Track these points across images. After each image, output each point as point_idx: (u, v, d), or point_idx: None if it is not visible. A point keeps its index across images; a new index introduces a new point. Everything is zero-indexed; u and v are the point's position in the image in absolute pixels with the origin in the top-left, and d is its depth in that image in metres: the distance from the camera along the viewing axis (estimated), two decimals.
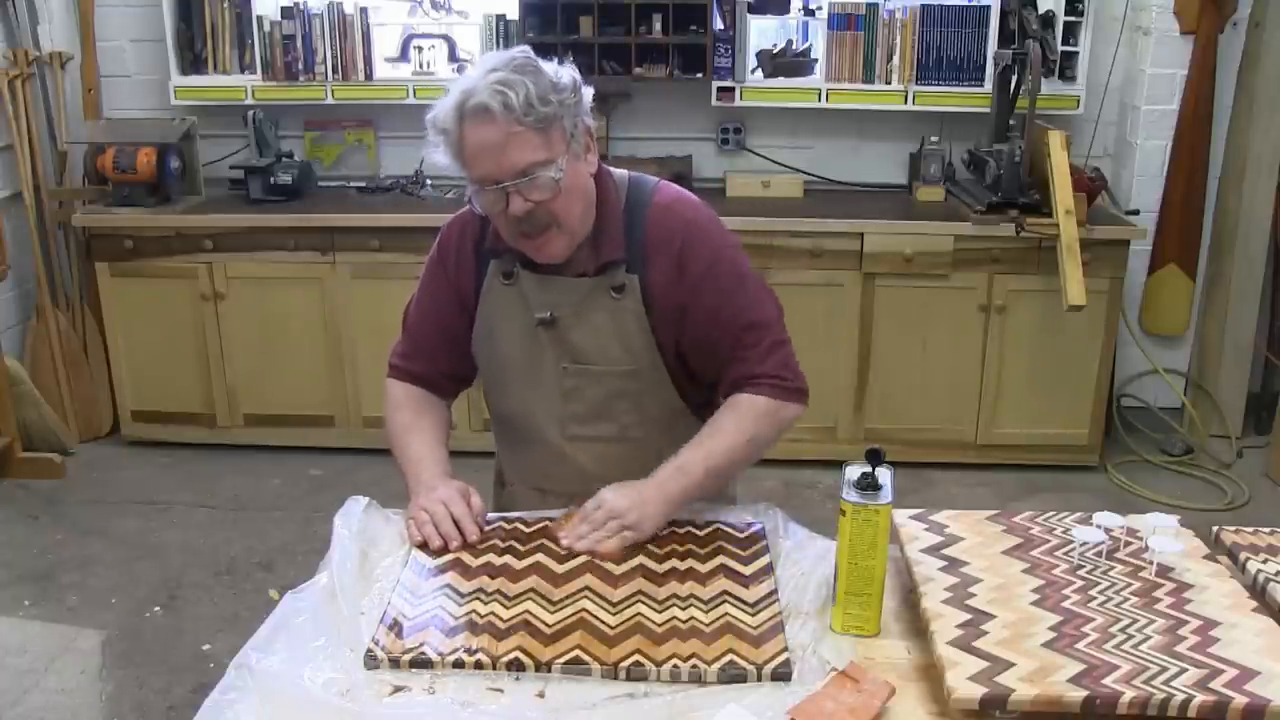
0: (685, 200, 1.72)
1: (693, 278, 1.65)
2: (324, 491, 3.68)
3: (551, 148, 1.54)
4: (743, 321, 1.67)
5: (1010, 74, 3.75)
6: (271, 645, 1.32)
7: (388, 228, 3.72)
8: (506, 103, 1.49)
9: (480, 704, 1.24)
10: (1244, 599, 1.36)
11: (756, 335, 1.68)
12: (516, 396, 1.77)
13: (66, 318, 4.08)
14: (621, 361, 1.69)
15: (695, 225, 1.67)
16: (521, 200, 1.55)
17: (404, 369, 1.82)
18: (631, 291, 1.65)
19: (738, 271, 1.69)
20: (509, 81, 1.50)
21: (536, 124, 1.51)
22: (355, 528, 1.56)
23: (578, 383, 1.71)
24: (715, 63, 3.89)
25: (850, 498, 1.34)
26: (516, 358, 1.73)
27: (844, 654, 1.31)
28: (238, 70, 4.09)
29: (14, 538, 3.40)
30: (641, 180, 1.73)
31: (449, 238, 1.76)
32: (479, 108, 1.50)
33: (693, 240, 1.66)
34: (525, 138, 1.51)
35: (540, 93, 1.51)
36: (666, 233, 1.66)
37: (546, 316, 1.68)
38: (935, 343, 3.74)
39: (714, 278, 1.66)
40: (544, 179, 1.54)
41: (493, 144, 1.52)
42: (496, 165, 1.53)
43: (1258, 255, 3.94)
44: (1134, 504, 3.57)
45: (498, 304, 1.72)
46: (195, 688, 2.61)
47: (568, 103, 1.55)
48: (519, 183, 1.53)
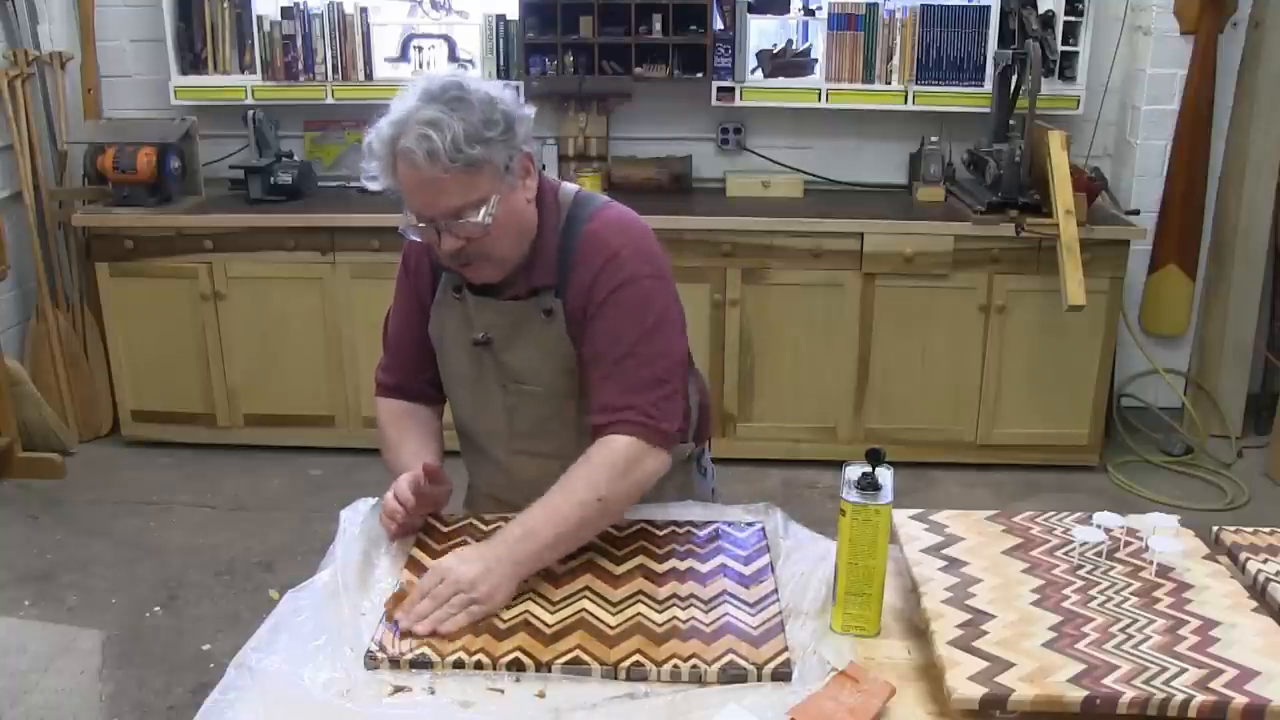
0: (621, 224, 1.66)
1: (598, 299, 1.60)
2: (324, 491, 3.68)
3: (480, 188, 1.51)
4: (626, 350, 1.59)
5: (1010, 74, 3.75)
6: (271, 645, 1.32)
7: (388, 228, 3.68)
8: (431, 150, 1.46)
9: (480, 704, 1.24)
10: (1244, 599, 1.36)
11: (636, 367, 1.58)
12: (466, 409, 1.78)
13: (66, 318, 4.07)
14: (554, 383, 1.68)
15: (619, 251, 1.61)
16: (451, 238, 1.54)
17: (387, 384, 1.83)
18: (558, 315, 1.64)
19: (644, 302, 1.61)
20: (437, 123, 1.46)
21: (466, 167, 1.48)
22: (361, 526, 1.56)
23: (518, 401, 1.71)
24: (715, 63, 3.89)
25: (850, 498, 1.34)
26: (464, 372, 1.74)
27: (844, 654, 1.31)
28: (238, 70, 4.08)
29: (14, 538, 3.40)
30: (586, 200, 1.69)
31: (410, 249, 1.76)
32: (405, 151, 1.49)
33: (609, 263, 1.60)
34: (454, 181, 1.49)
35: (470, 133, 1.47)
36: (590, 255, 1.62)
37: (481, 337, 1.68)
38: (935, 343, 3.75)
39: (615, 301, 1.60)
40: (472, 223, 1.52)
41: (421, 186, 1.51)
42: (425, 205, 1.53)
43: (1258, 255, 3.94)
44: (1134, 504, 3.57)
45: (447, 318, 1.72)
46: (195, 688, 2.61)
47: (499, 139, 1.51)
48: (448, 223, 1.53)
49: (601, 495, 1.52)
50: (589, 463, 1.55)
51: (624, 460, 1.54)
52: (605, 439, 1.56)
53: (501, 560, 1.44)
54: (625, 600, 1.43)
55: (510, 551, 1.45)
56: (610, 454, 1.55)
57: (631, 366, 1.58)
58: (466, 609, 1.38)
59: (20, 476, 3.74)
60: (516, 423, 1.73)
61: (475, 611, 1.39)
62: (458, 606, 1.38)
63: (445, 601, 1.38)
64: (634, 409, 1.56)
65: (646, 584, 1.47)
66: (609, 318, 1.60)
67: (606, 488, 1.52)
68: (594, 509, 1.52)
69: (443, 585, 1.40)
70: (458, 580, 1.40)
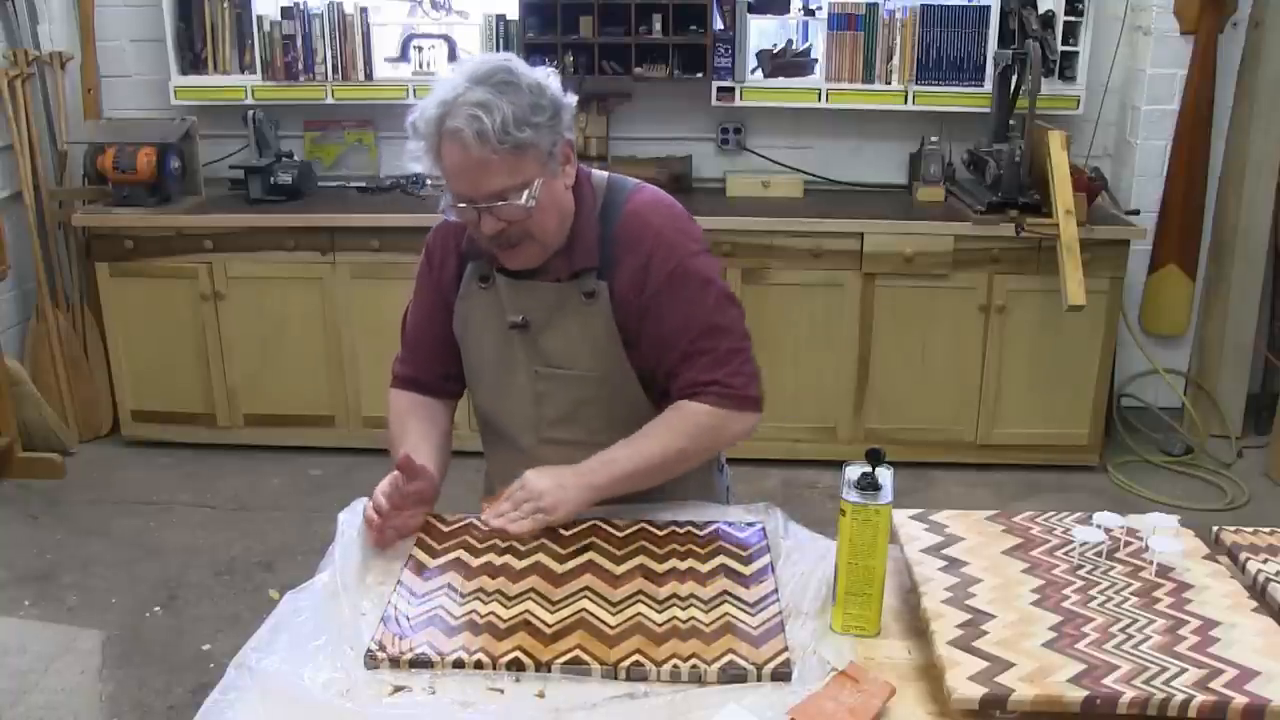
0: (658, 204, 1.71)
1: (656, 282, 1.64)
2: (324, 491, 3.68)
3: (525, 171, 1.54)
4: (700, 327, 1.65)
5: (1010, 74, 3.75)
6: (271, 645, 1.32)
7: (388, 228, 3.72)
8: (480, 131, 1.48)
9: (480, 704, 1.24)
10: (1244, 599, 1.36)
11: (713, 341, 1.66)
12: (491, 398, 1.78)
13: (66, 318, 4.07)
14: (591, 367, 1.70)
15: (663, 231, 1.66)
16: (493, 220, 1.56)
17: (403, 376, 1.83)
18: (601, 297, 1.66)
19: (701, 277, 1.67)
20: (487, 104, 1.48)
21: (513, 150, 1.51)
22: (360, 527, 1.56)
23: (549, 387, 1.72)
24: (715, 63, 3.89)
25: (850, 498, 1.34)
26: (491, 360, 1.74)
27: (844, 654, 1.31)
28: (238, 70, 4.09)
29: (14, 538, 3.40)
30: (619, 184, 1.72)
31: (434, 243, 1.78)
32: (454, 131, 1.50)
33: (659, 245, 1.65)
34: (501, 163, 1.51)
35: (518, 116, 1.50)
36: (635, 238, 1.65)
37: (519, 320, 1.69)
38: (935, 343, 3.75)
39: (676, 282, 1.65)
40: (515, 206, 1.54)
41: (467, 167, 1.52)
42: (470, 187, 1.54)
43: (1258, 255, 3.94)
44: (1134, 504, 3.57)
45: (474, 307, 1.73)
46: (195, 688, 2.62)
47: (545, 124, 1.54)
48: (491, 205, 1.54)
49: (684, 447, 1.65)
50: (679, 414, 1.66)
51: (711, 421, 1.66)
52: (689, 402, 1.66)
53: (576, 480, 1.59)
54: (625, 600, 1.43)
55: (587, 474, 1.60)
56: (699, 412, 1.65)
57: (707, 343, 1.66)
58: (532, 515, 1.55)
59: (20, 476, 3.74)
60: (546, 409, 1.73)
61: (540, 519, 1.55)
62: (527, 512, 1.56)
63: (519, 506, 1.56)
64: (716, 383, 1.65)
65: (646, 584, 1.47)
66: (673, 301, 1.65)
67: (690, 441, 1.65)
68: (674, 456, 1.65)
69: (520, 491, 1.58)
70: (530, 490, 1.57)
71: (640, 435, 1.64)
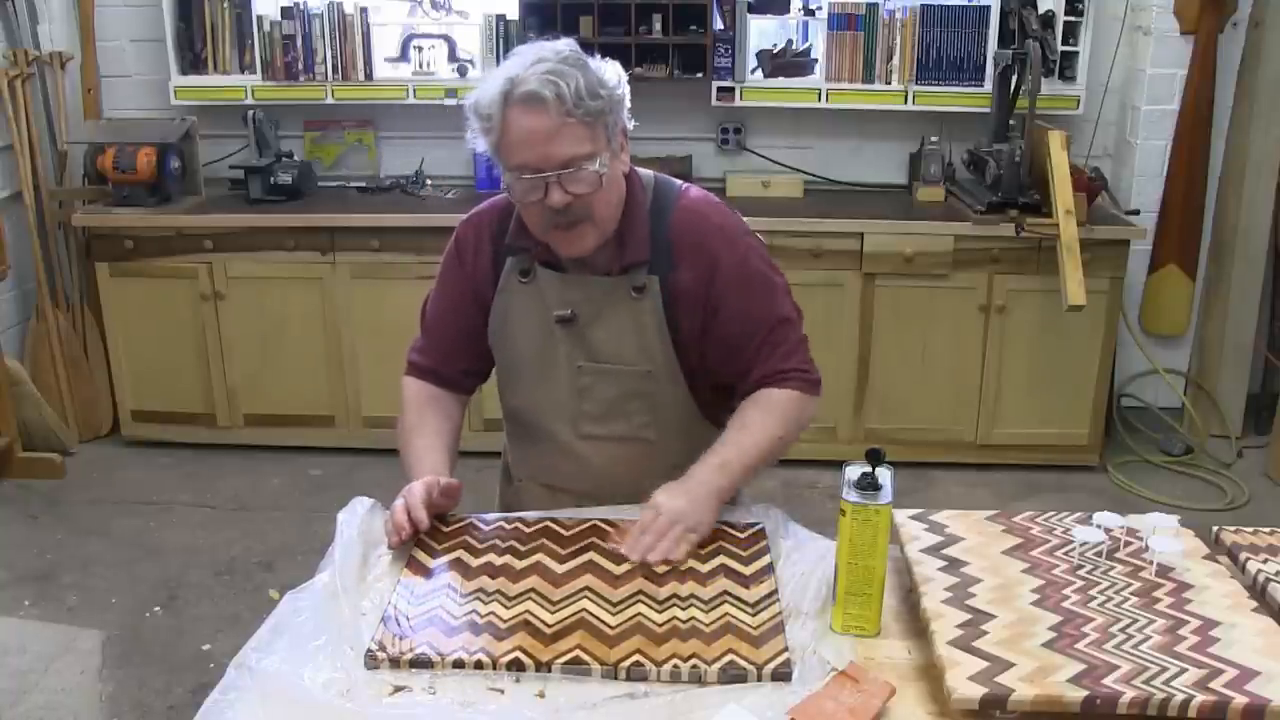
0: (712, 203, 1.74)
1: (724, 280, 1.67)
2: (324, 491, 3.68)
3: (595, 142, 1.56)
4: (773, 319, 1.71)
5: (1010, 74, 3.75)
6: (271, 645, 1.32)
7: (388, 228, 3.72)
8: (559, 93, 1.50)
9: (480, 704, 1.24)
10: (1244, 599, 1.36)
11: (784, 332, 1.72)
12: (529, 393, 1.77)
13: (66, 318, 4.07)
14: (638, 362, 1.70)
15: (724, 229, 1.70)
16: (561, 192, 1.56)
17: (420, 365, 1.82)
18: (652, 292, 1.66)
19: (765, 272, 1.72)
20: (560, 72, 1.51)
21: (585, 117, 1.53)
22: (358, 527, 1.55)
23: (592, 381, 1.72)
24: (715, 63, 3.89)
25: (850, 498, 1.34)
26: (531, 355, 1.74)
27: (844, 654, 1.31)
28: (238, 70, 4.08)
29: (14, 538, 3.40)
30: (667, 182, 1.75)
31: (466, 235, 1.77)
32: (530, 95, 1.51)
33: (724, 244, 1.68)
34: (573, 129, 1.53)
35: (590, 87, 1.53)
36: (696, 236, 1.68)
37: (567, 314, 1.69)
38: (935, 343, 3.75)
39: (745, 279, 1.69)
40: (587, 173, 1.55)
41: (540, 133, 1.52)
42: (541, 155, 1.54)
43: (1258, 255, 3.94)
44: (1134, 504, 3.57)
45: (513, 301, 1.73)
46: (195, 688, 2.61)
47: (612, 100, 1.57)
48: (561, 174, 1.54)
49: (780, 434, 1.69)
50: (763, 405, 1.69)
51: (794, 406, 1.71)
52: (769, 390, 1.70)
53: (705, 492, 1.59)
54: (625, 600, 1.42)
55: (709, 483, 1.60)
56: (781, 400, 1.70)
57: (781, 334, 1.71)
58: (685, 537, 1.54)
59: (20, 476, 3.74)
60: (586, 404, 1.73)
61: (692, 539, 1.55)
62: (678, 536, 1.53)
63: (665, 533, 1.53)
64: (795, 369, 1.71)
65: (646, 584, 1.47)
66: (748, 295, 1.69)
67: (783, 428, 1.69)
68: (776, 444, 1.68)
69: (661, 519, 1.55)
70: (673, 513, 1.55)
71: (737, 430, 1.67)
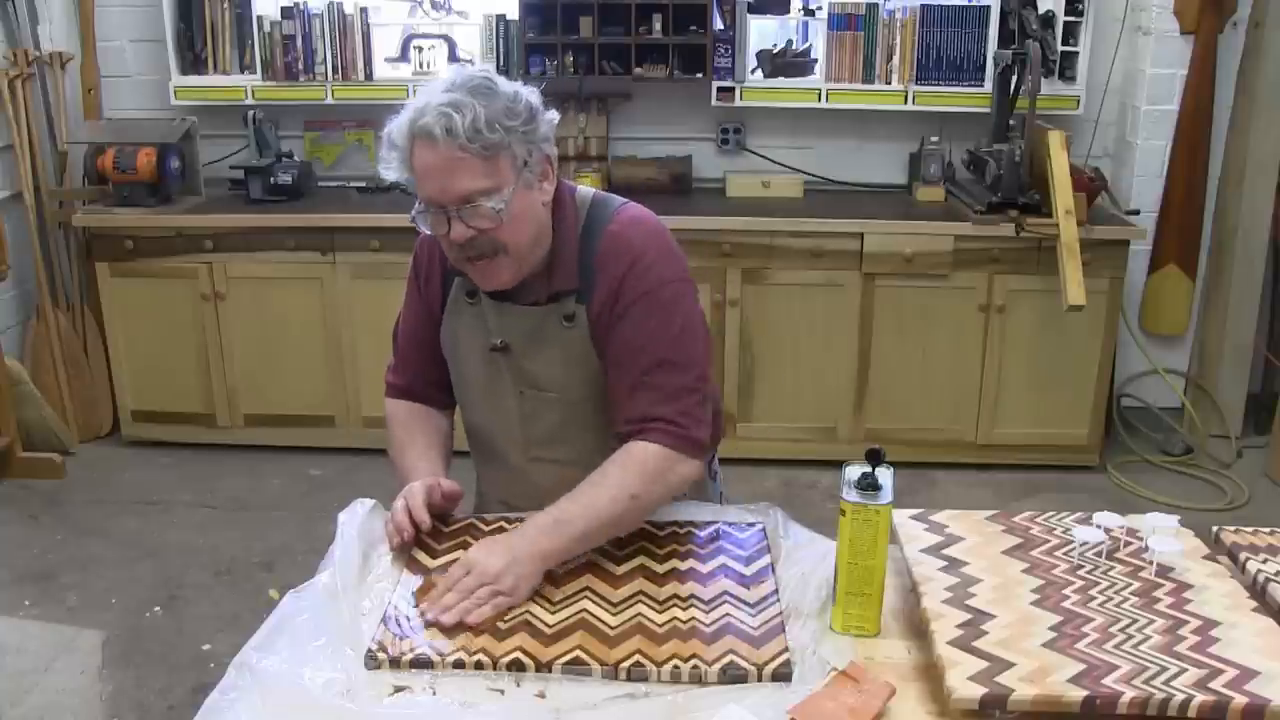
0: (642, 225, 1.65)
1: (625, 302, 1.59)
2: (324, 491, 3.68)
3: (497, 176, 1.50)
4: (657, 357, 1.58)
5: (1010, 74, 3.74)
6: (271, 645, 1.32)
7: (388, 228, 3.72)
8: (449, 127, 1.46)
9: (481, 704, 1.24)
10: (1244, 599, 1.36)
11: (666, 376, 1.58)
12: (480, 415, 1.76)
13: (66, 318, 4.07)
14: (574, 389, 1.67)
15: (644, 252, 1.61)
16: (463, 226, 1.52)
17: (397, 385, 1.82)
18: (580, 321, 1.63)
19: (671, 305, 1.60)
20: (458, 104, 1.46)
21: (481, 151, 1.48)
22: (359, 528, 1.55)
23: (535, 407, 1.70)
24: (715, 63, 3.89)
25: (850, 498, 1.34)
26: (478, 378, 1.72)
27: (844, 654, 1.31)
28: (238, 70, 4.09)
29: (14, 538, 3.40)
30: (604, 202, 1.68)
31: (420, 252, 1.75)
32: (423, 130, 1.48)
33: (635, 265, 1.59)
34: (468, 164, 1.48)
35: (490, 118, 1.47)
36: (613, 258, 1.60)
37: (498, 343, 1.66)
38: (935, 343, 3.74)
39: (644, 306, 1.59)
40: (485, 208, 1.51)
41: (437, 168, 1.49)
42: (439, 189, 1.51)
43: (1258, 255, 3.94)
44: (1134, 504, 3.57)
45: (460, 323, 1.71)
46: (195, 688, 2.61)
47: (519, 130, 1.51)
48: (460, 209, 1.51)
49: (635, 493, 1.53)
50: (622, 462, 1.55)
51: (656, 464, 1.55)
52: (637, 443, 1.56)
53: (529, 552, 1.44)
54: (626, 600, 1.43)
55: (538, 543, 1.46)
56: (644, 456, 1.55)
57: (660, 377, 1.58)
58: (492, 601, 1.39)
59: (20, 476, 3.74)
60: (533, 429, 1.71)
61: (501, 603, 1.39)
62: (484, 598, 1.39)
63: (471, 593, 1.39)
64: (664, 420, 1.57)
65: (647, 584, 1.47)
66: (635, 324, 1.59)
67: (640, 487, 1.53)
68: (626, 505, 1.52)
69: (469, 577, 1.41)
70: (483, 573, 1.41)
71: (590, 484, 1.53)
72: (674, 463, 1.57)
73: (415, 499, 1.56)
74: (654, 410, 1.57)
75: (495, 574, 1.41)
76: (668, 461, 1.56)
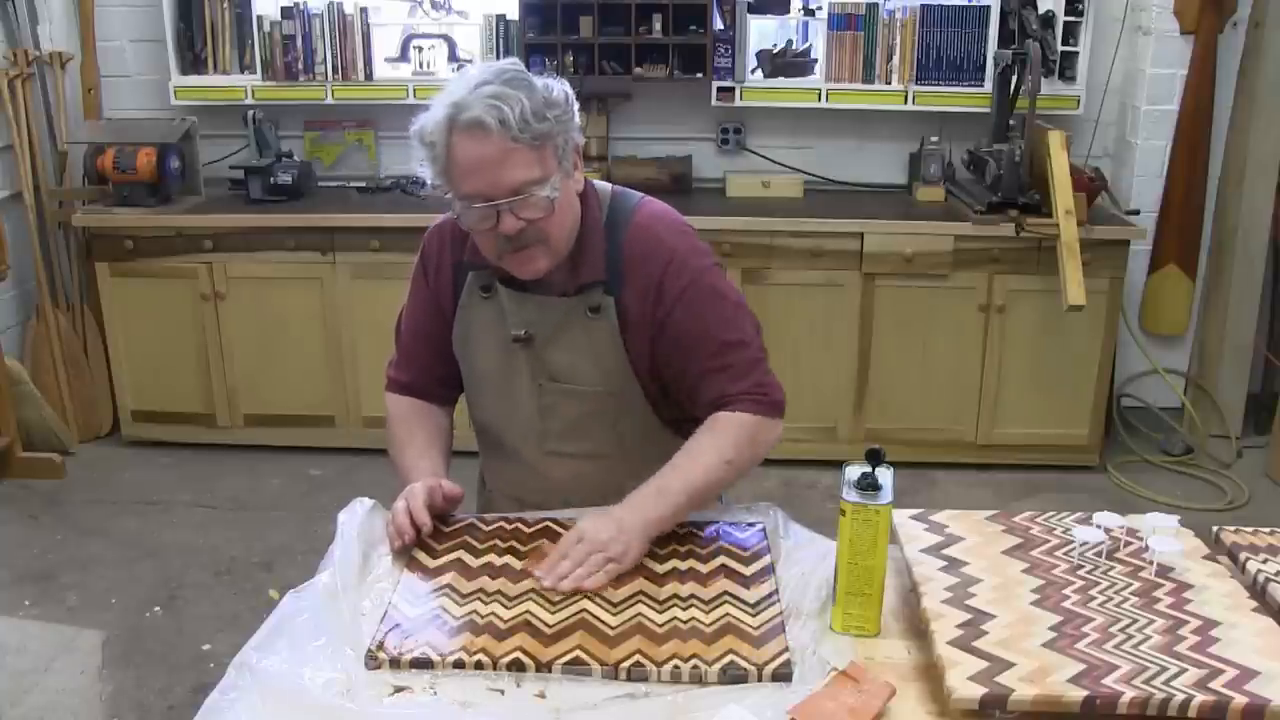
0: (666, 219, 1.68)
1: (670, 298, 1.62)
2: (324, 491, 3.68)
3: (545, 165, 1.51)
4: (720, 340, 1.64)
5: (1010, 74, 3.74)
6: (271, 645, 1.32)
7: (388, 228, 3.72)
8: (502, 118, 1.45)
9: (481, 704, 1.24)
10: (1244, 599, 1.36)
11: (734, 353, 1.64)
12: (493, 409, 1.76)
13: (66, 318, 4.07)
14: (596, 382, 1.67)
15: (677, 247, 1.64)
16: (513, 219, 1.52)
17: (399, 380, 1.81)
18: (607, 312, 1.63)
19: (715, 290, 1.65)
20: (503, 96, 1.46)
21: (533, 141, 1.48)
22: (358, 528, 1.55)
23: (554, 400, 1.70)
24: (715, 63, 3.89)
25: (850, 498, 1.34)
26: (493, 372, 1.72)
27: (844, 654, 1.31)
28: (238, 70, 4.09)
29: (14, 538, 3.40)
30: (624, 196, 1.70)
31: (429, 246, 1.75)
32: (473, 122, 1.46)
33: (672, 261, 1.62)
34: (521, 155, 1.48)
35: (535, 109, 1.47)
36: (645, 253, 1.62)
37: (522, 334, 1.66)
38: (935, 343, 3.74)
39: (692, 298, 1.62)
40: (538, 198, 1.51)
41: (487, 161, 1.48)
42: (490, 182, 1.50)
43: (1258, 255, 3.94)
44: (1134, 504, 3.57)
45: (475, 317, 1.70)
46: (195, 688, 2.61)
47: (561, 119, 1.52)
48: (512, 201, 1.50)
49: (730, 459, 1.60)
50: (714, 430, 1.62)
51: (747, 430, 1.63)
52: (724, 413, 1.63)
53: (635, 520, 1.51)
54: (626, 600, 1.43)
55: (643, 512, 1.53)
56: (735, 423, 1.62)
57: (728, 357, 1.64)
58: (605, 568, 1.46)
59: (20, 476, 3.74)
60: (550, 422, 1.71)
61: (612, 570, 1.46)
62: (598, 565, 1.46)
63: (583, 561, 1.46)
64: (749, 392, 1.63)
65: (647, 584, 1.47)
66: (689, 317, 1.63)
67: (734, 452, 1.61)
68: (722, 471, 1.60)
69: (580, 545, 1.48)
70: (595, 540, 1.48)
71: (685, 454, 1.60)
72: (760, 426, 1.64)
73: (416, 500, 1.56)
74: (731, 388, 1.63)
75: (605, 541, 1.48)
76: (756, 426, 1.63)
